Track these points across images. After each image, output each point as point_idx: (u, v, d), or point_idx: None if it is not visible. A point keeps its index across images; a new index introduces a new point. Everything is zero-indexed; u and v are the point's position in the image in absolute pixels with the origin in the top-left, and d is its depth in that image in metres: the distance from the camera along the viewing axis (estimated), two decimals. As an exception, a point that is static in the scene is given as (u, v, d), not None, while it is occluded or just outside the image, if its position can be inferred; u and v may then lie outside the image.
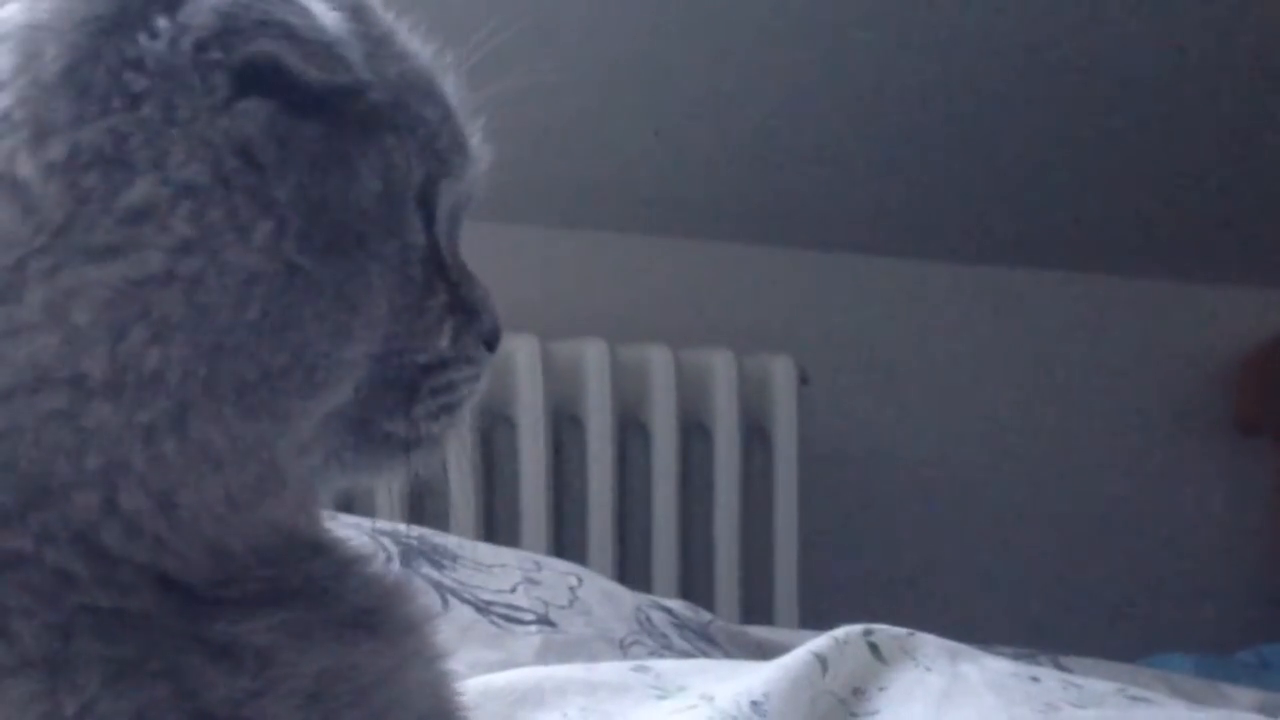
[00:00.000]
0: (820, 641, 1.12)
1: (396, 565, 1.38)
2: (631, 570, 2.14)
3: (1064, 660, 1.61)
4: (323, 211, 0.53)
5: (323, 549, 0.59)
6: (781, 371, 2.21)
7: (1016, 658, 1.60)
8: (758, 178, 2.30)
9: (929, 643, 1.17)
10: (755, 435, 2.20)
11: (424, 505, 2.05)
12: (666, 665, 1.15)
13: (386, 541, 1.41)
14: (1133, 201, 2.39)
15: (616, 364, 2.15)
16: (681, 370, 2.17)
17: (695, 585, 2.16)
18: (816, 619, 2.12)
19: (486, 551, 1.48)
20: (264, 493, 0.54)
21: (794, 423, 2.20)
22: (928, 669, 1.14)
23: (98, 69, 0.51)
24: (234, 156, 0.52)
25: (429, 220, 0.58)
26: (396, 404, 0.57)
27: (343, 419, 0.56)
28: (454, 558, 1.42)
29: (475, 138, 0.61)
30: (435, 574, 1.38)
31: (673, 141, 2.22)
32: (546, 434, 2.11)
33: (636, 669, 1.12)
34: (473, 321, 0.60)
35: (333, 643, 0.56)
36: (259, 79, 0.53)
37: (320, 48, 0.53)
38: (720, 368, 2.19)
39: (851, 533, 2.33)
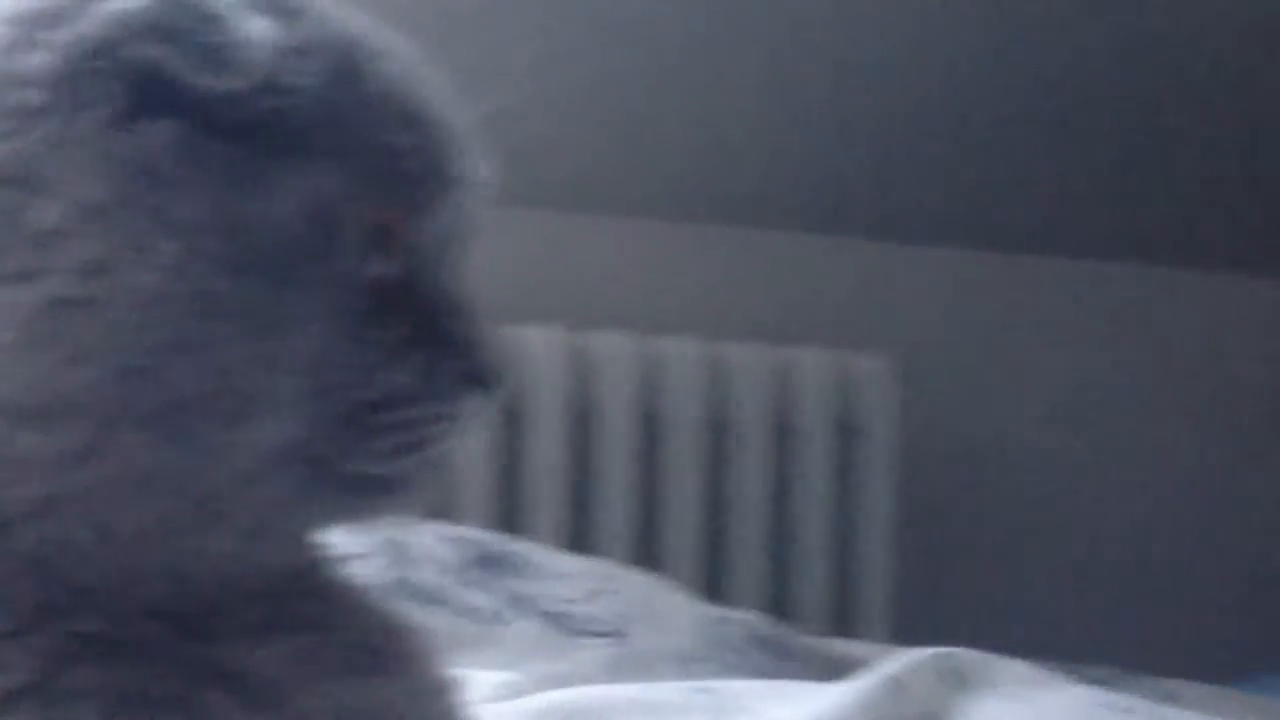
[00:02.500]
0: (895, 665, 1.07)
1: (475, 572, 1.36)
2: (716, 578, 2.10)
3: (1164, 684, 1.54)
4: (237, 234, 0.51)
5: (316, 583, 0.58)
6: (878, 369, 2.16)
7: (1110, 681, 1.54)
8: (854, 169, 2.25)
9: (1012, 669, 1.11)
10: (848, 436, 2.14)
11: (512, 511, 2.04)
12: (730, 686, 1.10)
13: (462, 548, 1.39)
14: (1244, 196, 2.31)
15: (705, 362, 2.11)
16: (773, 368, 2.12)
17: (782, 594, 2.11)
18: (908, 632, 2.07)
19: (559, 559, 1.45)
20: (201, 524, 0.53)
21: (890, 423, 2.14)
22: (1010, 698, 1.09)
23: None
24: (136, 175, 0.51)
25: (389, 248, 0.55)
26: (351, 442, 0.54)
27: (296, 454, 0.53)
28: (525, 565, 1.40)
29: (470, 162, 0.57)
30: (508, 583, 1.36)
31: (763, 131, 2.18)
32: (630, 434, 2.08)
33: (699, 690, 1.08)
34: (451, 357, 0.56)
35: (345, 676, 0.55)
36: (163, 92, 0.51)
37: (212, 53, 0.51)
38: (813, 365, 2.13)
39: (948, 539, 2.27)
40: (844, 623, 2.11)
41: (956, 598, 2.24)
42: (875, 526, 2.13)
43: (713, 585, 2.09)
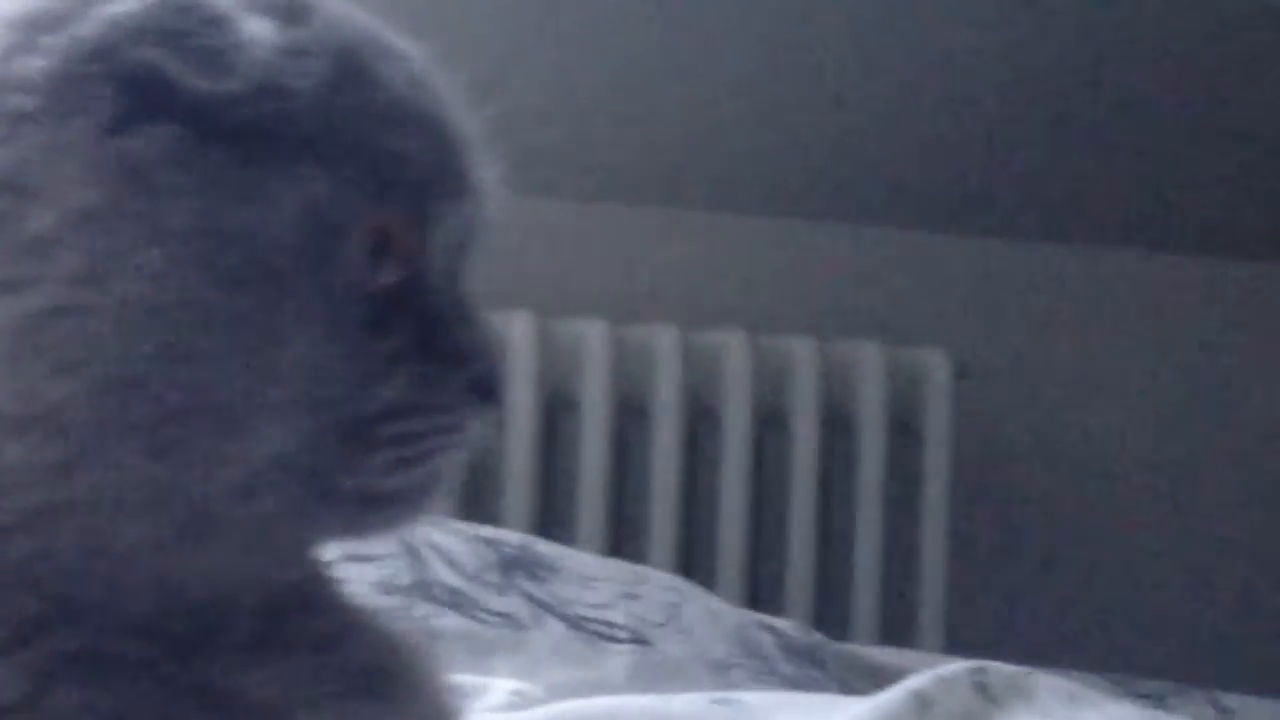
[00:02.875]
0: (922, 679, 1.03)
1: (499, 575, 1.33)
2: (766, 578, 2.06)
3: (1222, 698, 1.48)
4: (229, 242, 0.50)
5: (320, 602, 0.56)
6: (935, 365, 2.10)
7: (1165, 694, 1.49)
8: (913, 161, 2.21)
9: (1047, 685, 1.06)
10: (904, 433, 2.10)
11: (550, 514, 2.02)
12: (748, 697, 1.06)
13: (485, 550, 1.36)
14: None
15: (756, 355, 2.07)
16: (826, 363, 2.08)
17: (833, 595, 2.06)
18: (961, 635, 2.02)
19: (590, 563, 1.41)
20: (192, 537, 0.51)
21: (947, 421, 2.09)
22: (1044, 715, 1.04)
23: None
24: (128, 182, 0.50)
25: (394, 256, 0.54)
26: (349, 456, 0.52)
27: (292, 468, 0.51)
28: (554, 569, 1.36)
29: (482, 169, 0.56)
30: (530, 586, 1.32)
31: (819, 124, 2.15)
32: (680, 429, 2.04)
33: (718, 701, 1.04)
34: (454, 368, 0.54)
35: (344, 699, 0.54)
36: (159, 96, 0.50)
37: (210, 55, 0.50)
38: (868, 360, 2.09)
39: (1003, 540, 2.22)
40: (896, 625, 2.06)
41: (1011, 601, 2.19)
42: (930, 525, 2.08)
43: (763, 585, 2.06)
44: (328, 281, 0.51)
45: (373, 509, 0.54)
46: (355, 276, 0.52)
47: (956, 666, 1.05)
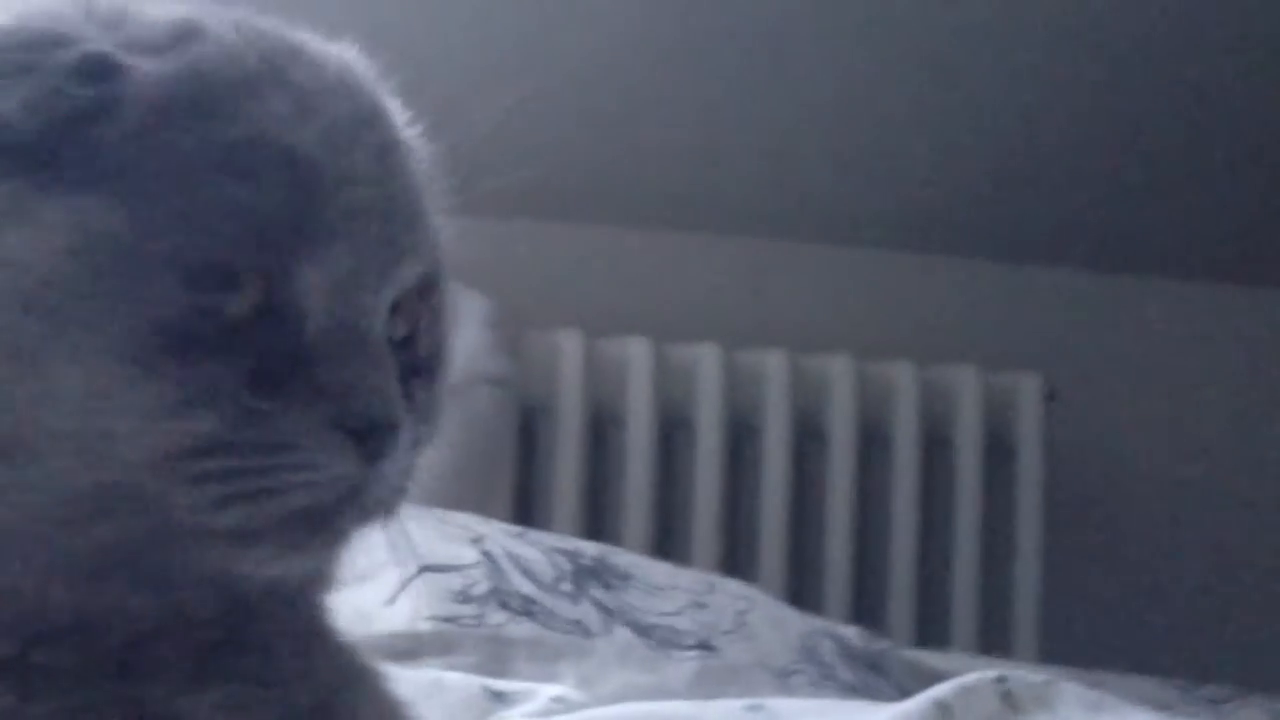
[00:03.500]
0: (945, 688, 1.07)
1: (572, 583, 1.39)
2: (865, 596, 2.10)
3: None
4: (6, 269, 0.51)
5: (282, 638, 0.57)
6: (1028, 388, 2.14)
7: (1228, 699, 1.51)
8: (1007, 194, 2.23)
9: (1069, 693, 1.10)
10: (999, 454, 2.13)
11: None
12: (783, 704, 1.11)
13: (562, 560, 1.42)
14: None
15: (860, 378, 2.11)
16: (924, 385, 2.12)
17: (930, 613, 2.10)
18: (1056, 652, 2.04)
19: (662, 572, 1.47)
20: (11, 566, 0.52)
21: (1040, 442, 2.12)
22: (1065, 722, 1.08)
23: None
24: None
25: (242, 289, 0.53)
26: (172, 490, 0.52)
27: (117, 498, 0.52)
28: (626, 578, 1.42)
29: (352, 209, 0.54)
30: (603, 595, 1.38)
31: (918, 155, 2.18)
32: (786, 451, 2.10)
33: (751, 708, 1.09)
34: (310, 404, 0.52)
35: None
36: None
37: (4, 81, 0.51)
38: (964, 383, 2.13)
39: (1096, 559, 2.23)
40: (992, 641, 2.09)
41: (1104, 617, 2.20)
42: (1024, 545, 2.11)
43: (862, 603, 2.10)
44: (118, 312, 0.51)
45: (226, 545, 0.52)
46: (164, 310, 0.51)
47: (980, 675, 1.09)
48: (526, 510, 1.99)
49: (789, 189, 2.20)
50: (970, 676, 1.08)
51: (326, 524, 0.53)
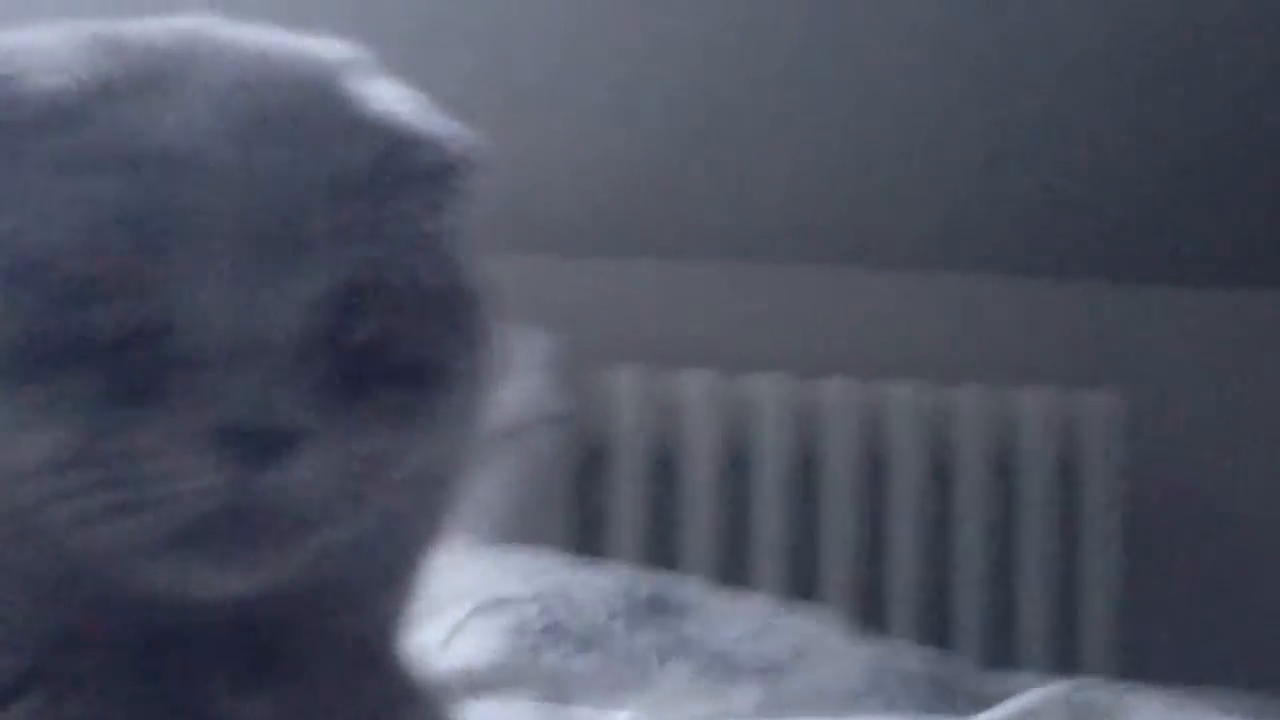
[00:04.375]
0: (1017, 703, 1.05)
1: (633, 615, 1.38)
2: (938, 622, 2.08)
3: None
4: None
5: (343, 651, 0.56)
6: (1103, 408, 2.11)
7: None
8: (1070, 211, 2.21)
9: (1148, 704, 1.08)
10: (1072, 476, 2.10)
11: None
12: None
13: (620, 593, 1.41)
14: None
15: (924, 404, 2.10)
16: (994, 408, 2.10)
17: (1003, 638, 2.07)
18: (1131, 678, 2.01)
19: (725, 601, 1.45)
20: None
21: (1116, 463, 2.09)
22: (1142, 731, 1.05)
23: None
24: None
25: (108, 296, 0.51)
26: (39, 507, 0.51)
27: (7, 518, 0.51)
28: (686, 608, 1.40)
29: (227, 212, 0.53)
30: (664, 626, 1.37)
31: (968, 172, 2.17)
32: (856, 478, 2.08)
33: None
34: (181, 414, 0.50)
35: None
36: None
37: None
38: (1037, 404, 2.10)
39: (1173, 582, 2.19)
40: (1068, 665, 2.06)
41: (1182, 641, 2.16)
42: (1099, 569, 2.08)
43: (934, 629, 2.07)
44: None
45: (127, 561, 0.51)
46: (19, 321, 0.51)
47: (1056, 687, 1.07)
48: (588, 547, 1.98)
49: (845, 214, 2.19)
50: (1045, 689, 1.06)
51: (210, 537, 0.51)
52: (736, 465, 2.09)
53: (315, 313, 0.52)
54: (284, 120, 0.54)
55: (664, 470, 2.09)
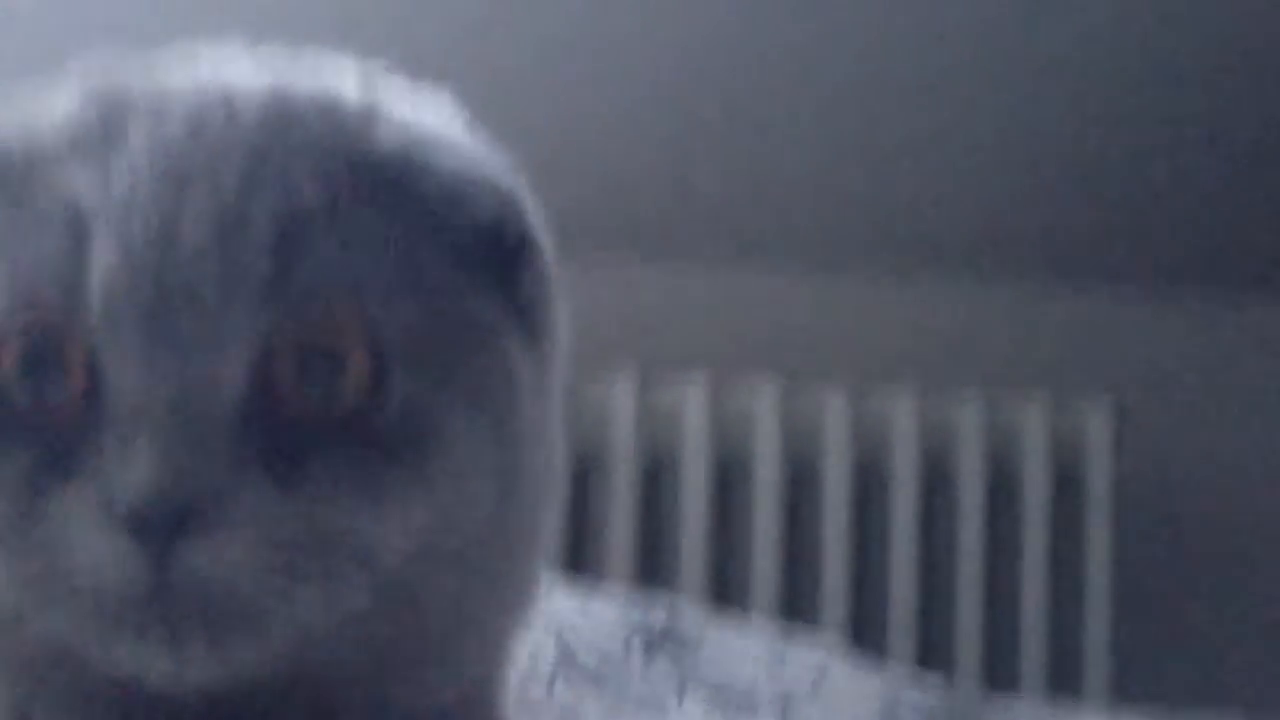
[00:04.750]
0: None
1: (643, 650, 1.36)
2: (931, 635, 2.07)
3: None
4: None
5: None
6: (1096, 417, 2.10)
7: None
8: (1063, 213, 2.20)
9: None
10: (1067, 486, 2.09)
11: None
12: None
13: (629, 627, 1.39)
14: None
15: (920, 413, 2.08)
16: (990, 417, 2.09)
17: (999, 650, 2.06)
18: (1129, 688, 2.00)
19: (735, 632, 1.43)
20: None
21: (1109, 472, 2.08)
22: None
23: None
24: None
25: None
26: None
27: None
28: (698, 642, 1.39)
29: (121, 261, 0.50)
30: (675, 659, 1.35)
31: (970, 180, 2.15)
32: (848, 489, 2.06)
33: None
34: (79, 490, 0.48)
35: None
36: None
37: None
38: (1029, 413, 2.09)
39: (1169, 593, 2.18)
40: (1062, 678, 2.05)
41: (1178, 654, 2.15)
42: (1094, 579, 2.07)
43: (927, 642, 2.06)
44: None
45: (75, 652, 0.50)
46: None
47: None
48: (579, 557, 1.96)
49: (837, 222, 2.18)
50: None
51: (141, 625, 0.48)
52: (728, 474, 2.08)
53: (246, 374, 0.49)
54: (231, 164, 0.51)
55: (657, 479, 2.07)
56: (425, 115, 0.57)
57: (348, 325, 0.51)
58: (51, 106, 0.53)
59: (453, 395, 0.53)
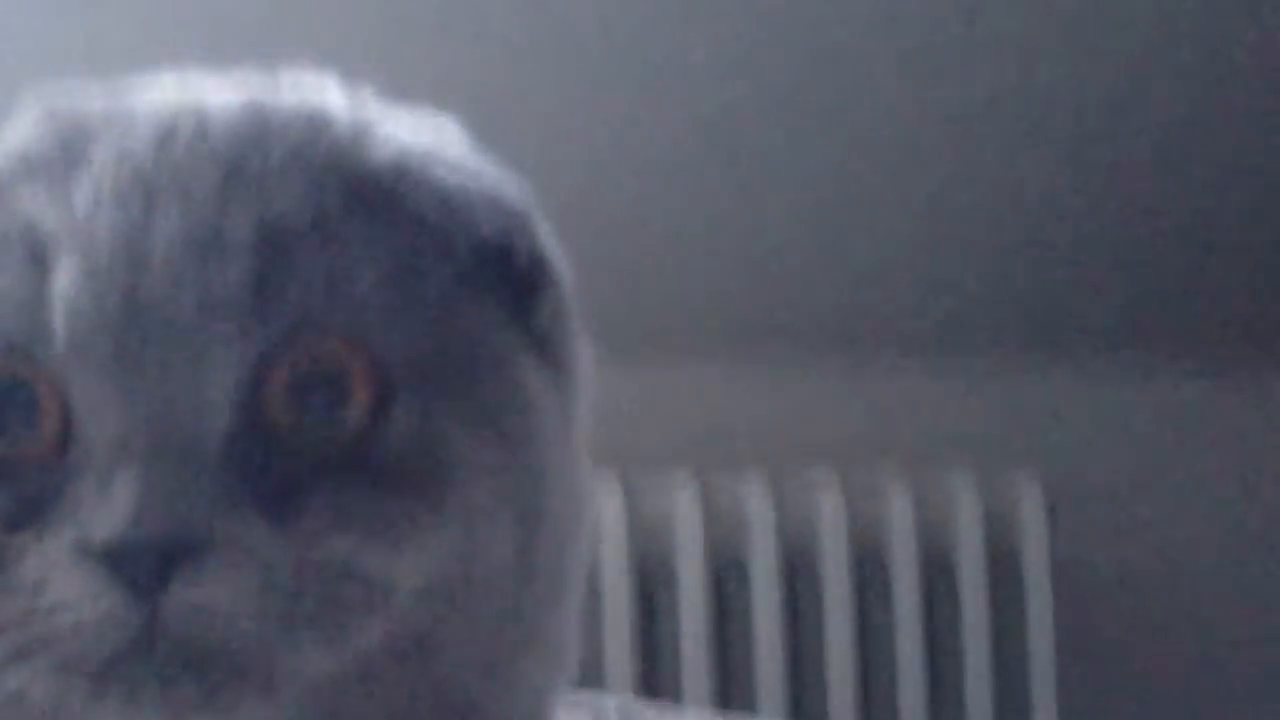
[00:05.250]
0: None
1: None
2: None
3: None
4: None
5: None
6: (1029, 495, 2.08)
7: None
8: (984, 287, 2.19)
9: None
10: (1002, 568, 2.07)
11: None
12: None
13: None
14: None
15: (848, 496, 2.05)
16: (918, 498, 2.06)
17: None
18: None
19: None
20: None
21: (1044, 550, 2.06)
22: None
23: None
24: None
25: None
26: None
27: None
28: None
29: (92, 290, 0.46)
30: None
31: (881, 255, 2.14)
32: (778, 580, 2.02)
33: None
34: (56, 531, 0.44)
35: None
36: None
37: None
38: (960, 492, 2.06)
39: (1110, 671, 2.17)
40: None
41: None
42: (1034, 659, 2.05)
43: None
44: None
45: (61, 712, 0.45)
46: None
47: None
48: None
49: (755, 304, 2.15)
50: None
51: (130, 677, 0.44)
52: (649, 575, 2.03)
53: (235, 401, 0.45)
54: (204, 178, 0.47)
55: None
56: (422, 132, 0.53)
57: (345, 346, 0.47)
58: (7, 134, 0.50)
59: (462, 421, 0.48)
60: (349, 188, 0.49)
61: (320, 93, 0.53)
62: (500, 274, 0.51)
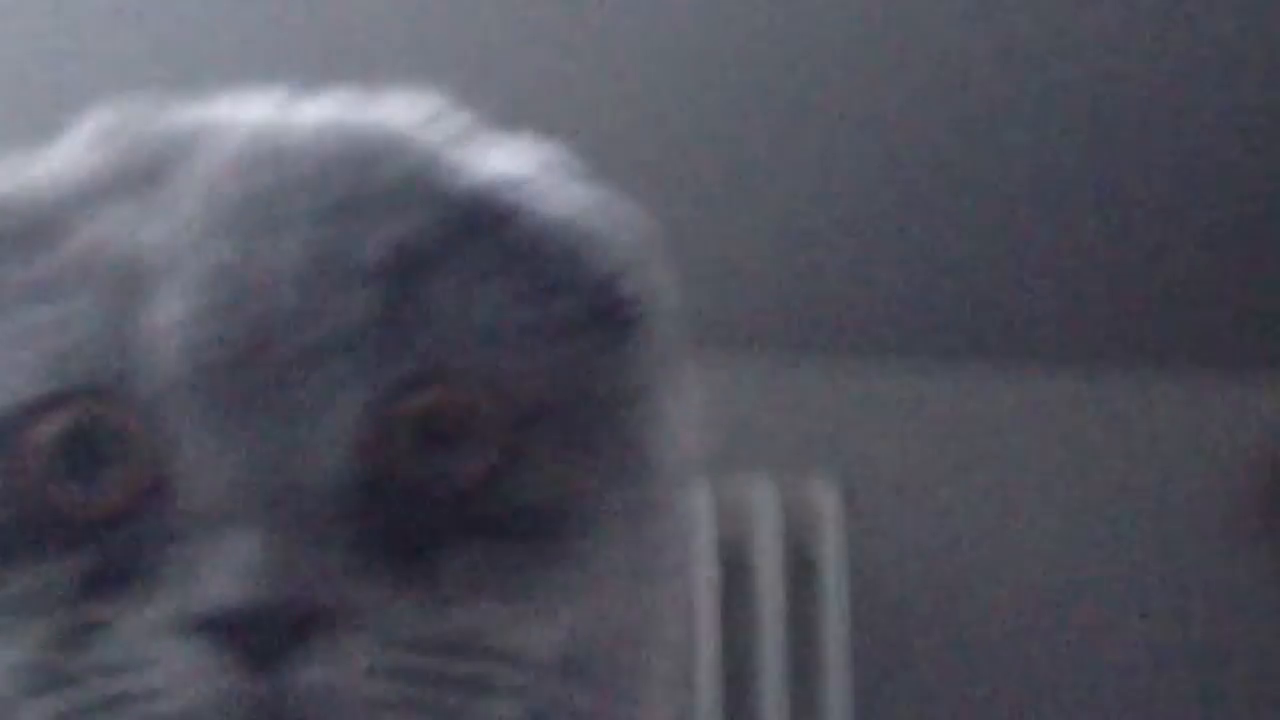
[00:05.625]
0: None
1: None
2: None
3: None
4: None
5: None
6: (824, 495, 2.10)
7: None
8: (779, 279, 2.19)
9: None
10: (799, 568, 2.09)
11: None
12: None
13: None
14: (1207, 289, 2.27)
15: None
16: (716, 499, 2.07)
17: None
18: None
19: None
20: None
21: (842, 552, 2.08)
22: None
23: None
24: None
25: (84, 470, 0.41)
26: None
27: None
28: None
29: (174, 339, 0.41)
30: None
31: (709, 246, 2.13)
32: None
33: None
34: (149, 602, 0.39)
35: None
36: None
37: None
38: (758, 495, 2.08)
39: (907, 673, 2.20)
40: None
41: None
42: (831, 662, 2.07)
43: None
44: None
45: None
46: None
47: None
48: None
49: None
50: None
51: None
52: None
53: (357, 449, 0.41)
54: (322, 199, 0.42)
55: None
56: (530, 161, 0.48)
57: (477, 386, 0.42)
58: (68, 155, 0.44)
59: (590, 470, 0.44)
60: (464, 216, 0.45)
61: (422, 115, 0.48)
62: (614, 309, 0.47)
